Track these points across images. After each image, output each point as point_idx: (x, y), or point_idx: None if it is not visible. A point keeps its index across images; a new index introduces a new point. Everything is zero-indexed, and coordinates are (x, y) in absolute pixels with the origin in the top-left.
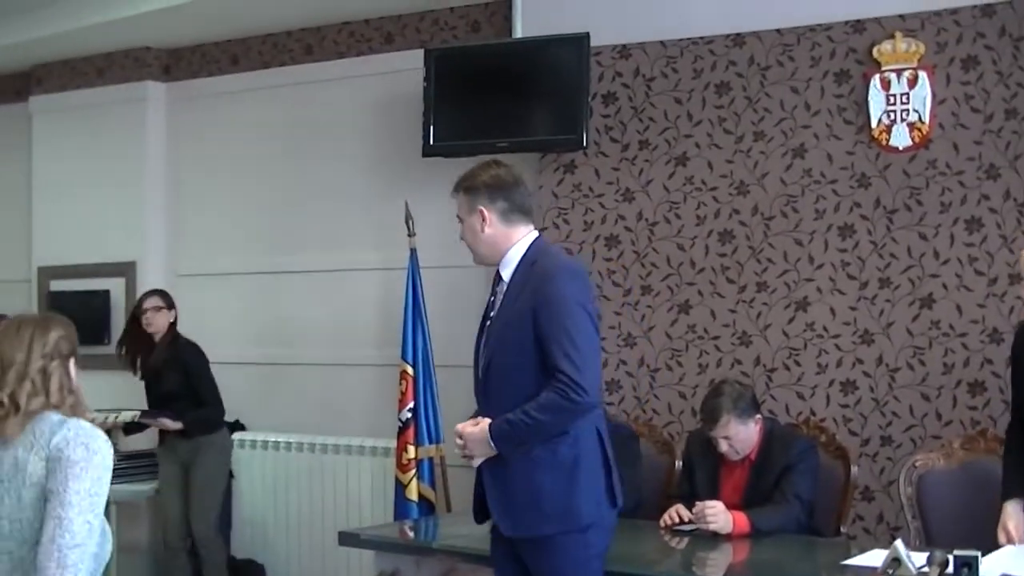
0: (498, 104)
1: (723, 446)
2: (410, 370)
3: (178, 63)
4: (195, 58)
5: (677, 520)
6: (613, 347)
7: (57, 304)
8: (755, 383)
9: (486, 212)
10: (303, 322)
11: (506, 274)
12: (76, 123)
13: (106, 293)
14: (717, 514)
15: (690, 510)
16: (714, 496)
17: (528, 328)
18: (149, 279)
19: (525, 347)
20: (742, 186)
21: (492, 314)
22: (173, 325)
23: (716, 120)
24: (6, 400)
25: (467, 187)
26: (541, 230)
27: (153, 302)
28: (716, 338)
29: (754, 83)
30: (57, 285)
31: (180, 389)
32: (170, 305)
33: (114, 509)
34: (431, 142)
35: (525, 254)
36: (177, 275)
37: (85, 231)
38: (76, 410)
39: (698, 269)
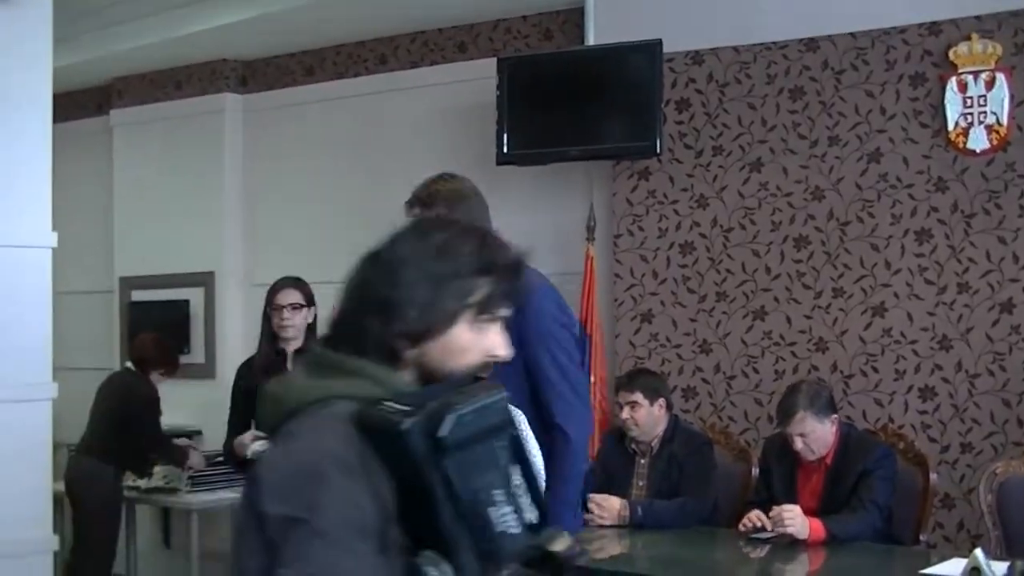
0: (571, 112)
1: (798, 443)
2: None
3: (254, 75)
4: (271, 70)
5: (757, 524)
6: (688, 353)
7: (138, 314)
8: (832, 390)
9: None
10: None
11: None
12: (155, 135)
13: (186, 303)
14: (794, 518)
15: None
16: (791, 501)
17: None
18: (227, 289)
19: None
20: (817, 191)
21: None
22: (312, 329)
23: (790, 125)
24: None
25: (424, 199)
26: (616, 237)
27: (289, 296)
28: (792, 344)
29: (828, 87)
30: (138, 295)
31: None
32: (310, 301)
33: (195, 516)
34: (505, 151)
35: None
36: (253, 284)
37: (165, 242)
38: None
39: (773, 275)
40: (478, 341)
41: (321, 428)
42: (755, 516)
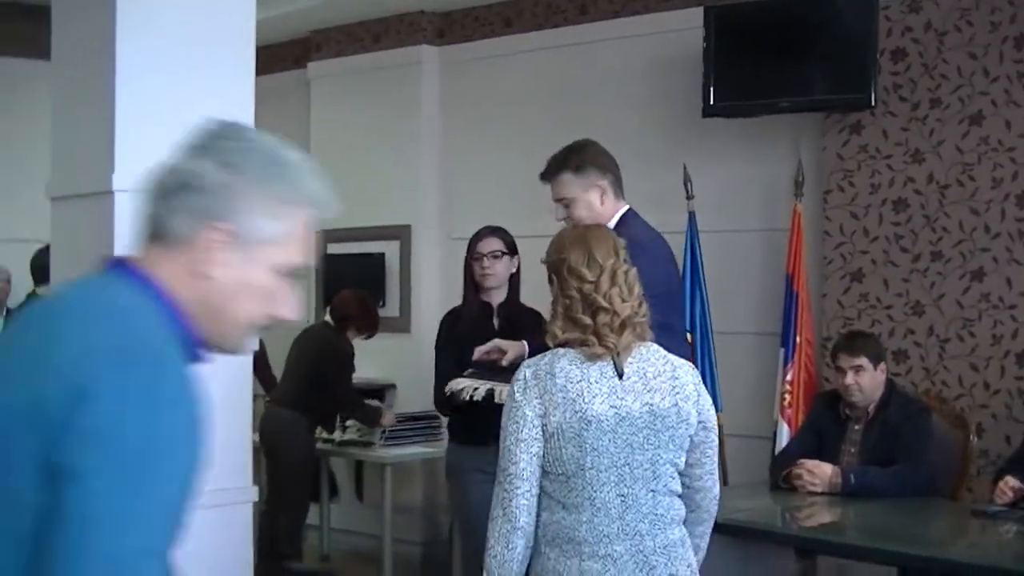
0: (780, 62)
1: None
2: (688, 337)
3: (451, 27)
4: (468, 21)
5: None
6: (900, 315)
7: (334, 267)
8: None
9: (604, 185)
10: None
11: None
12: (352, 88)
13: (381, 256)
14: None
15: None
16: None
17: None
18: (424, 242)
19: None
20: None
21: None
22: (515, 278)
23: (1015, 76)
24: None
25: (579, 163)
26: (826, 192)
27: (491, 244)
28: (1012, 307)
29: None
30: (334, 248)
31: None
32: (512, 249)
33: (389, 470)
34: (711, 102)
35: (616, 225)
36: (451, 238)
37: (361, 194)
38: None
39: (993, 234)
40: None
41: None
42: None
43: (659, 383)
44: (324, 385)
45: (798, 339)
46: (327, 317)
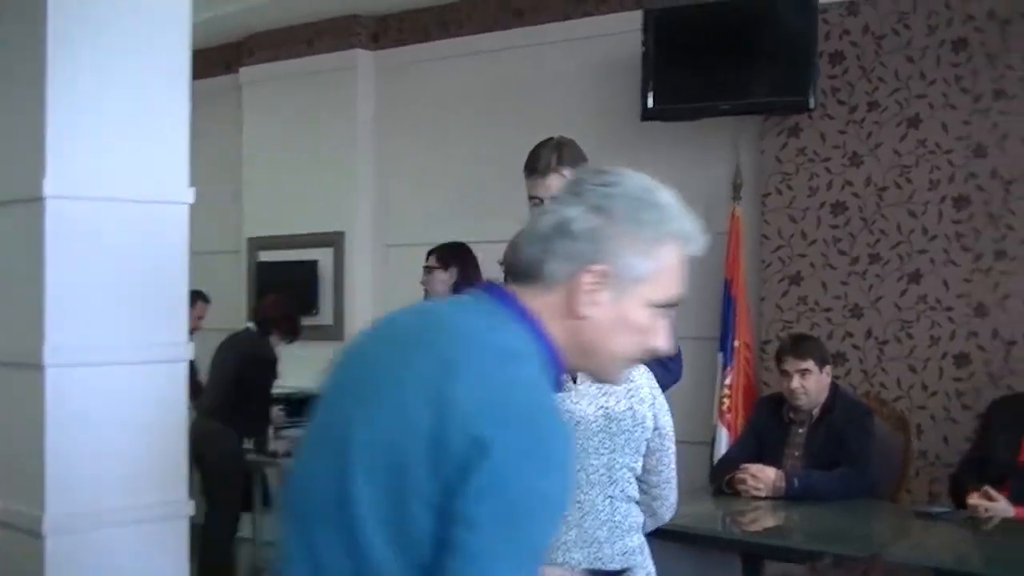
0: (719, 66)
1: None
2: None
3: (386, 31)
4: (403, 25)
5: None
6: (838, 318)
7: (266, 275)
8: (992, 357)
9: None
10: None
11: None
12: (286, 93)
13: (314, 264)
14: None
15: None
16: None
17: None
18: (357, 250)
19: None
20: (980, 148)
21: None
22: (459, 290)
23: (952, 79)
24: None
25: (575, 161)
26: (764, 196)
27: (431, 260)
28: (949, 309)
29: (994, 38)
30: (266, 256)
31: None
32: (446, 263)
33: None
34: (650, 106)
35: None
36: (386, 245)
37: (294, 201)
38: None
39: (930, 236)
40: None
41: None
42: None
43: (613, 387)
44: (249, 393)
45: (737, 343)
46: (249, 323)
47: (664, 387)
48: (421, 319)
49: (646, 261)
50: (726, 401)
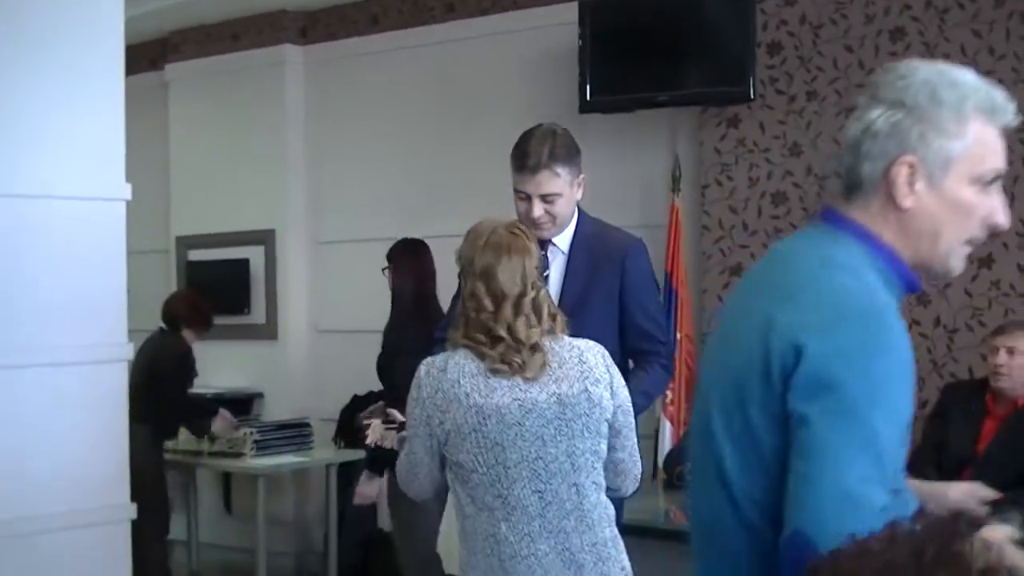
0: (656, 57)
1: (1001, 357)
2: None
3: (315, 25)
4: (332, 20)
5: None
6: None
7: (196, 274)
8: (935, 345)
9: (583, 180)
10: (449, 290)
11: (563, 243)
12: (212, 90)
13: (245, 262)
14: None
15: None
16: (970, 455)
17: (615, 303)
18: (289, 247)
19: (608, 321)
20: None
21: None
22: (415, 287)
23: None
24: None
25: (569, 155)
26: (704, 187)
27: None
28: None
29: (932, 27)
30: (196, 255)
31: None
32: (394, 261)
33: (261, 481)
34: (587, 98)
35: (579, 222)
36: (318, 242)
37: (223, 199)
38: None
39: None
40: None
41: None
42: None
43: (565, 371)
44: (162, 391)
45: (679, 336)
46: (161, 323)
47: (664, 387)
48: (764, 262)
49: (955, 141)
50: (669, 394)
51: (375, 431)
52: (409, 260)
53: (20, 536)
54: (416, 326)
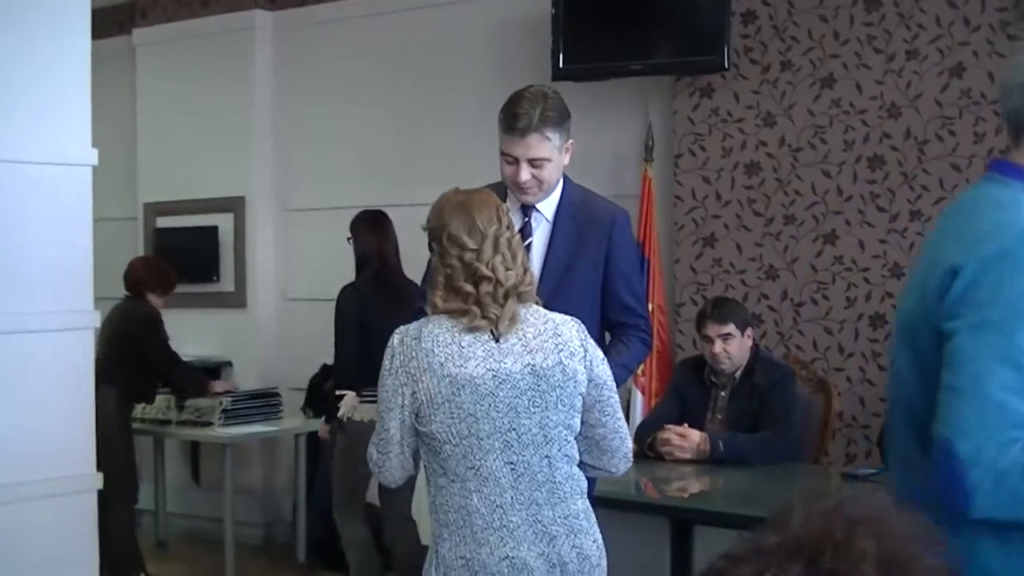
0: (630, 25)
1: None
2: None
3: None
4: None
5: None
6: (754, 280)
7: (164, 241)
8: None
9: (571, 145)
10: (417, 258)
11: (548, 210)
12: (181, 55)
13: (214, 229)
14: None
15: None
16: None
17: (600, 272)
18: (258, 215)
19: (592, 291)
20: (893, 108)
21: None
22: (377, 256)
23: (865, 38)
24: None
25: (560, 119)
26: (677, 157)
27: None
28: (865, 270)
29: None
30: (164, 222)
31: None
32: (354, 232)
33: (229, 451)
34: (560, 66)
35: (564, 189)
36: (286, 210)
37: (191, 166)
38: None
39: (845, 197)
40: None
41: None
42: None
43: (540, 342)
44: (133, 353)
45: (651, 306)
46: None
47: (642, 360)
48: (944, 216)
49: None
50: (640, 365)
51: (347, 404)
52: (370, 230)
53: None
54: (377, 294)
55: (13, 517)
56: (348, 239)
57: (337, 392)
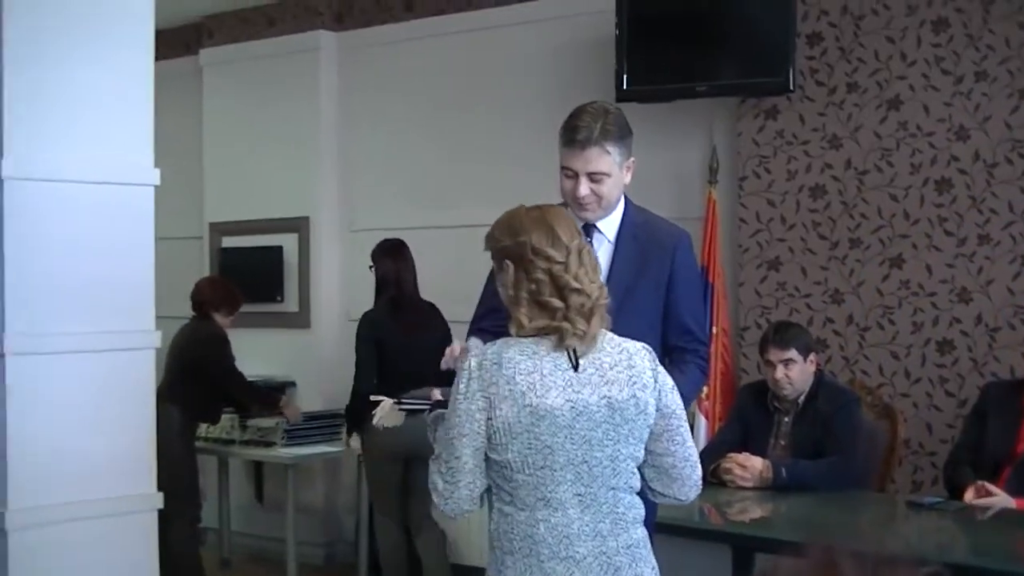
0: (695, 46)
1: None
2: None
3: (350, 11)
4: (367, 5)
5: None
6: (819, 304)
7: (229, 261)
8: (976, 343)
9: (632, 164)
10: (473, 277)
11: (609, 230)
12: (247, 76)
13: (279, 249)
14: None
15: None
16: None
17: (662, 295)
18: (323, 235)
19: (653, 313)
20: (962, 131)
21: None
22: (395, 280)
23: (933, 60)
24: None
25: (621, 135)
26: (741, 179)
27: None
28: (932, 295)
29: (976, 18)
30: (229, 242)
31: None
32: (375, 261)
33: (291, 471)
34: (624, 87)
35: (626, 210)
36: (351, 230)
37: (257, 186)
38: None
39: (912, 220)
40: None
41: None
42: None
43: (615, 374)
44: (198, 373)
45: (714, 330)
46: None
47: (700, 389)
48: None
49: None
50: (705, 389)
51: (383, 409)
52: (389, 258)
53: (44, 526)
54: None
55: (74, 535)
56: (370, 267)
57: (372, 399)
